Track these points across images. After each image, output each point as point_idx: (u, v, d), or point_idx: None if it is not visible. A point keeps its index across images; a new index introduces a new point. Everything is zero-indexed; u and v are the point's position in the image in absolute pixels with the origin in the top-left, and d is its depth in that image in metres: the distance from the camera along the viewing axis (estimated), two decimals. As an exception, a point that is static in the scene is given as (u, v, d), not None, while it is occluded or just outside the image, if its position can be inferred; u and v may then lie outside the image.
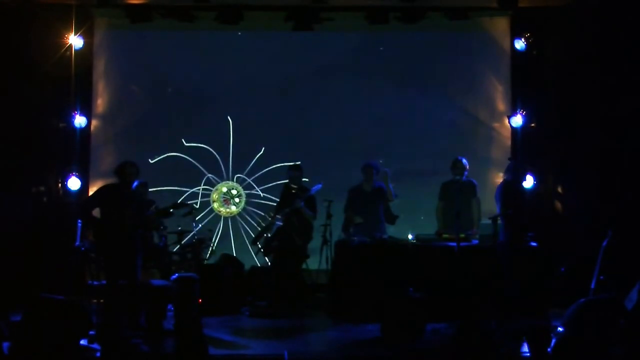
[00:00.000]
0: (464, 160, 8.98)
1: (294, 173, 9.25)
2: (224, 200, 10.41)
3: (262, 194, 10.42)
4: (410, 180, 10.10)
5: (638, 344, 5.49)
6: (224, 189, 10.40)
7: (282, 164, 10.19)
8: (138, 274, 7.69)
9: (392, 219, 9.20)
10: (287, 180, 9.41)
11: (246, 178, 10.43)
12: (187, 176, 10.30)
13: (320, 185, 9.05)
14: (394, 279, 8.17)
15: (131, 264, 7.58)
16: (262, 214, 10.30)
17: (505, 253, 8.03)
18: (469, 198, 9.02)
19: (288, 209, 9.00)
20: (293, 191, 9.17)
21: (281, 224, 9.02)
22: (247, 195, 10.47)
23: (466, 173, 8.95)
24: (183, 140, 10.27)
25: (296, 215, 9.02)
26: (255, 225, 10.33)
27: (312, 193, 9.06)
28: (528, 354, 5.45)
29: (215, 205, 10.38)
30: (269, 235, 9.18)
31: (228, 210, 10.40)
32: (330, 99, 10.43)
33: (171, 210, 8.13)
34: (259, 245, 9.27)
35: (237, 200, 10.43)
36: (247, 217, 10.43)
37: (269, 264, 9.44)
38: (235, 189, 10.42)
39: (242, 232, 10.37)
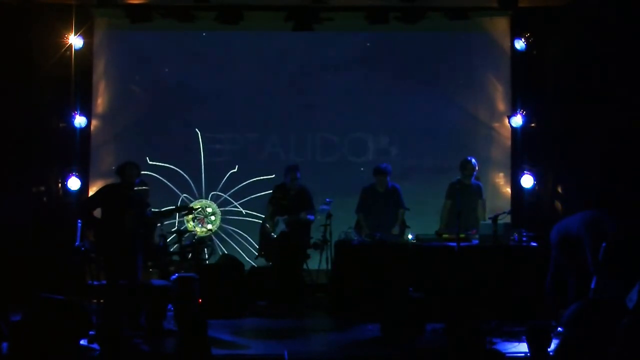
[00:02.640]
0: (474, 161, 8.99)
1: (293, 174, 9.13)
2: (198, 220, 10.09)
3: (244, 211, 10.24)
4: (409, 180, 10.12)
5: (638, 344, 5.49)
6: (197, 207, 10.00)
7: (262, 177, 10.18)
8: (138, 274, 7.69)
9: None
10: (271, 188, 9.37)
11: (222, 194, 10.27)
12: (161, 197, 9.84)
13: (328, 207, 9.02)
14: (394, 278, 8.17)
15: (131, 264, 7.58)
16: (240, 231, 10.18)
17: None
18: (476, 199, 9.03)
19: (290, 217, 8.96)
20: (292, 193, 9.13)
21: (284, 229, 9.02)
22: (224, 213, 10.28)
23: (475, 174, 8.98)
24: (147, 158, 10.03)
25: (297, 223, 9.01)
26: (232, 243, 10.19)
27: (319, 210, 9.06)
28: (528, 354, 5.45)
29: (190, 225, 10.00)
30: (271, 238, 9.15)
31: (204, 229, 10.13)
32: (330, 98, 10.43)
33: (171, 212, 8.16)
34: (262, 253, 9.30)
35: (212, 218, 10.19)
36: (223, 235, 10.24)
37: (269, 264, 9.41)
38: (210, 207, 10.20)
39: (219, 250, 10.12)
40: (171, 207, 8.40)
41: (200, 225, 10.06)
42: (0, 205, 9.08)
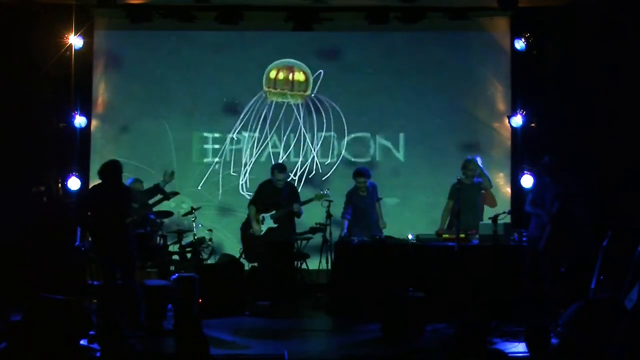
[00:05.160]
0: (476, 160, 8.95)
1: (281, 175, 8.84)
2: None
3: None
4: (408, 180, 10.12)
5: (638, 344, 5.49)
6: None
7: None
8: (134, 274, 7.69)
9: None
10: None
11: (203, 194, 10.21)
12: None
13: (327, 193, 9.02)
14: (394, 278, 8.17)
15: (126, 264, 7.58)
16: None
17: (542, 256, 8.04)
18: (477, 198, 9.01)
19: (282, 210, 8.89)
20: (280, 185, 8.90)
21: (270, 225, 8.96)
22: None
23: (477, 172, 8.96)
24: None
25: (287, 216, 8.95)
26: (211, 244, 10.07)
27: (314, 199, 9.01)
28: (528, 354, 5.46)
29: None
30: (255, 238, 9.04)
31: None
32: (330, 98, 10.43)
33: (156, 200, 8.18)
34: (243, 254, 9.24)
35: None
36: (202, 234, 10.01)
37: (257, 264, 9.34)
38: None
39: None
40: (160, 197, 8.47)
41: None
42: (0, 205, 9.08)
